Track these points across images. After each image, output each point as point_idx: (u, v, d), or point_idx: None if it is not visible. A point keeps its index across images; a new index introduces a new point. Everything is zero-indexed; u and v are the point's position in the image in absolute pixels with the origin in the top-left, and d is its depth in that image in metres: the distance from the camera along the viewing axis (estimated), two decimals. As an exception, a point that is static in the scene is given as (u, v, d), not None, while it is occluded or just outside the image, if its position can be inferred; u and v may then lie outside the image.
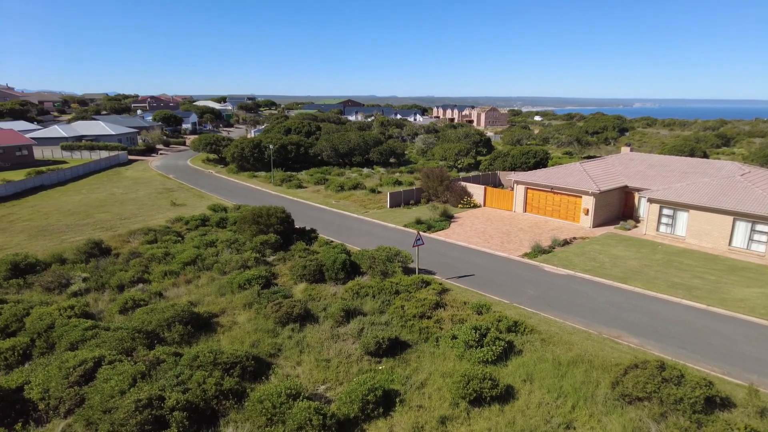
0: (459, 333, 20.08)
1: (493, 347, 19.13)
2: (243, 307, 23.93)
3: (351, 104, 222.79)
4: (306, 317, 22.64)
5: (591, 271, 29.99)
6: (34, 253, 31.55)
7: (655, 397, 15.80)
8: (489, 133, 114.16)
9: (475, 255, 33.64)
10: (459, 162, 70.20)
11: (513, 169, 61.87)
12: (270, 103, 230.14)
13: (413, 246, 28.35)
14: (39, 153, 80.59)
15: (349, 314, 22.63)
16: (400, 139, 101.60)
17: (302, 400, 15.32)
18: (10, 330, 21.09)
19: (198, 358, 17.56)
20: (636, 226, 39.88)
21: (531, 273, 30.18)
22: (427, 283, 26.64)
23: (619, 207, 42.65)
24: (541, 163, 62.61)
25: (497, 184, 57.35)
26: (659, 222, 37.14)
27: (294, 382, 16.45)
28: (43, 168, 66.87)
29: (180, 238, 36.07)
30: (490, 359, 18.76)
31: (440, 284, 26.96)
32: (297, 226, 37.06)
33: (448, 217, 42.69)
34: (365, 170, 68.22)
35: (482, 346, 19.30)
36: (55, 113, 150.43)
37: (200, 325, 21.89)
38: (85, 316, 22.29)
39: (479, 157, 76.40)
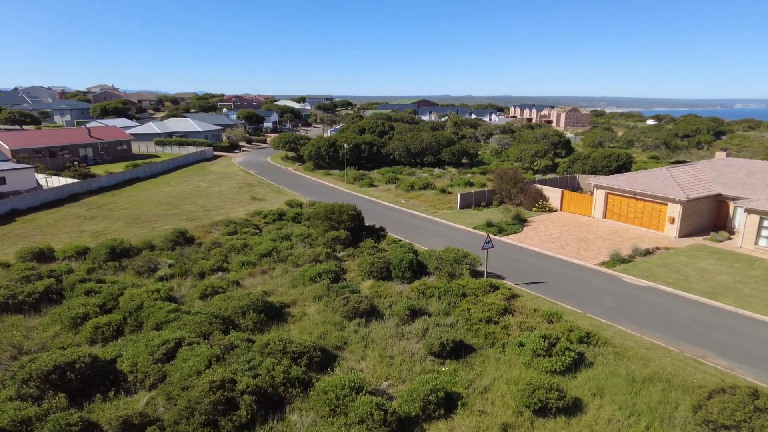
0: (527, 340, 19.52)
1: (562, 357, 18.41)
2: (313, 300, 24.75)
3: (425, 104, 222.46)
4: (372, 313, 22.99)
5: (675, 284, 27.95)
6: (129, 239, 34.50)
7: (745, 427, 14.46)
8: (569, 135, 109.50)
9: (549, 261, 32.47)
10: (535, 164, 68.00)
11: (593, 172, 58.96)
12: (346, 104, 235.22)
13: (482, 249, 27.89)
14: (136, 147, 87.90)
15: (414, 313, 22.70)
16: (474, 140, 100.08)
17: (365, 395, 15.61)
18: (107, 307, 23.26)
19: (269, 345, 18.41)
20: (730, 238, 36.60)
21: (608, 283, 28.65)
22: (496, 288, 26.10)
23: (710, 217, 39.35)
24: (624, 167, 59.16)
25: (576, 187, 54.90)
26: (759, 234, 33.83)
27: (358, 376, 16.79)
28: (139, 161, 72.84)
29: (258, 231, 37.92)
30: (558, 369, 18.08)
31: (509, 289, 26.33)
32: (367, 224, 37.68)
33: (520, 221, 41.52)
34: (436, 170, 67.94)
35: (551, 356, 18.63)
36: (151, 111, 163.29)
37: (273, 314, 22.91)
38: (169, 300, 24.08)
39: (557, 159, 73.55)
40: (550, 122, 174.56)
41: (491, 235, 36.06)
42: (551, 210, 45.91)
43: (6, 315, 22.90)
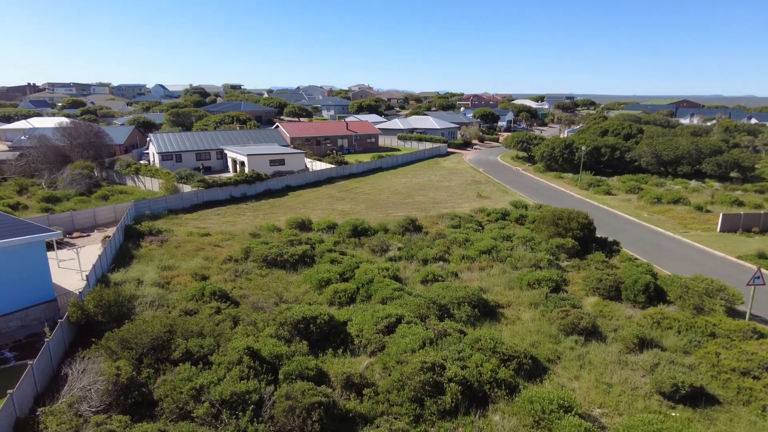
0: (800, 408, 15.37)
1: None
2: (528, 306, 24.05)
3: (686, 105, 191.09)
4: (592, 333, 21.20)
5: None
6: (368, 220, 38.87)
7: None
8: None
9: None
10: (843, 187, 52.18)
11: None
12: (589, 103, 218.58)
13: (747, 284, 22.93)
14: (382, 141, 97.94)
15: (644, 344, 20.09)
16: (751, 149, 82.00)
17: (574, 416, 14.57)
18: (345, 276, 26.81)
19: (480, 341, 18.66)
20: None
21: None
22: (761, 335, 21.14)
23: None
24: None
25: None
26: None
27: (568, 395, 15.73)
28: (383, 153, 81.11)
29: (480, 228, 38.52)
30: None
31: (781, 340, 21.02)
32: (598, 235, 34.64)
33: (809, 257, 32.52)
34: (693, 183, 57.99)
35: (837, 437, 14.29)
36: (398, 108, 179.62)
37: (486, 311, 23.09)
38: (395, 279, 26.38)
39: None
40: None
41: (762, 270, 29.17)
42: None
43: (275, 269, 28.46)
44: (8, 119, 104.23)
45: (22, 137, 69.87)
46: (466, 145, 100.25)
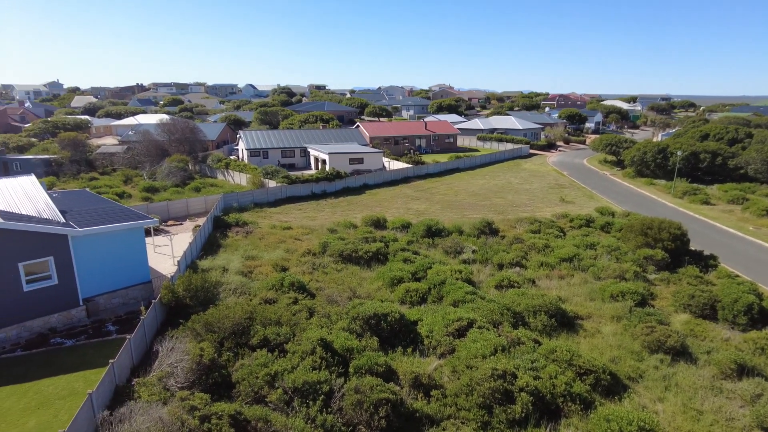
0: None
1: None
2: (610, 319, 22.73)
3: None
4: (681, 353, 19.63)
5: None
6: (442, 221, 38.57)
7: None
8: None
9: None
10: None
11: None
12: (687, 104, 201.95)
13: None
14: (461, 141, 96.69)
15: (743, 371, 18.25)
16: None
17: (657, 441, 13.56)
18: (417, 276, 26.81)
19: (555, 352, 17.91)
20: None
21: None
22: None
23: None
24: None
25: None
26: None
27: (650, 417, 14.68)
28: (461, 154, 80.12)
29: (562, 234, 36.90)
30: None
31: None
32: (691, 248, 31.96)
33: None
34: (812, 196, 51.71)
35: None
36: (479, 108, 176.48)
37: (564, 321, 22.11)
38: (468, 282, 25.96)
39: None
40: None
41: None
42: None
43: (349, 264, 29.10)
44: (119, 116, 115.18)
45: (130, 132, 76.94)
46: (550, 146, 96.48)
